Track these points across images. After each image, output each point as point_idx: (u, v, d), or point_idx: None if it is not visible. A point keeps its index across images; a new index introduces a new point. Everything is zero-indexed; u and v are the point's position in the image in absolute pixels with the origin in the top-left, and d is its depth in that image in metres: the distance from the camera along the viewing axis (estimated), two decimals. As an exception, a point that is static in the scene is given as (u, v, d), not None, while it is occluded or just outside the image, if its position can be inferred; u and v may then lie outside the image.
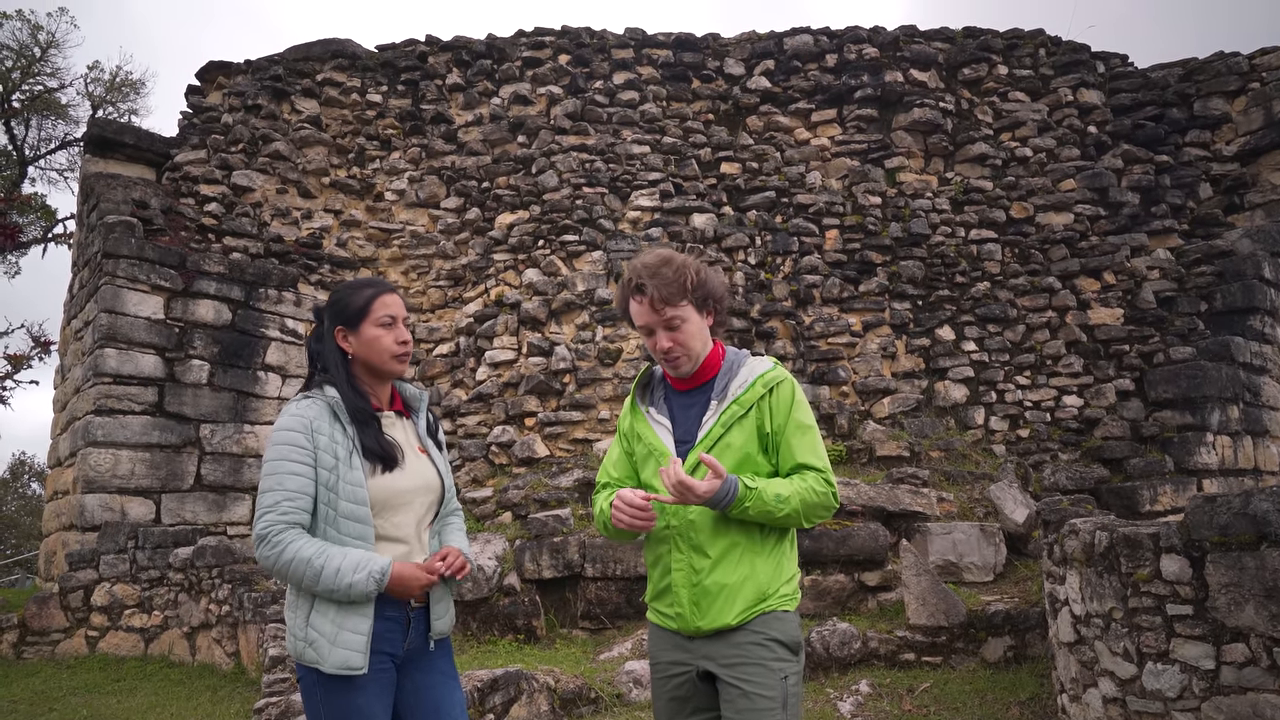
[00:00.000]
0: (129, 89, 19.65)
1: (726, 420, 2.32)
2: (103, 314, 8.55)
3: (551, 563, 7.28)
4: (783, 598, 2.31)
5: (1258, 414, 9.18)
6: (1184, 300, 9.25)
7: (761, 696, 2.19)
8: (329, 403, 2.36)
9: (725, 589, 2.26)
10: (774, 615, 2.28)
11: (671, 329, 2.34)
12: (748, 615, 2.26)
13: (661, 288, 2.31)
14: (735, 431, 2.32)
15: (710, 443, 2.32)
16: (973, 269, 9.66)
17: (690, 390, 2.44)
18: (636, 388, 2.56)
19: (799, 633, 2.33)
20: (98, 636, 7.92)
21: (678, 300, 2.32)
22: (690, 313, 2.35)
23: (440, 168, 10.48)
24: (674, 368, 2.40)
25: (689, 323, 2.35)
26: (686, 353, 2.36)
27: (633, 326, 2.47)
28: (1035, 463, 8.90)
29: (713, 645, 2.28)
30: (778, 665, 2.24)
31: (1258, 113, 9.87)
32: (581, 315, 9.27)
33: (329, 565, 2.20)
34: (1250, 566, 2.86)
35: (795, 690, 2.26)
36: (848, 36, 10.60)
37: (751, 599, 2.26)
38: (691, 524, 2.31)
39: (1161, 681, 3.22)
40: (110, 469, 8.38)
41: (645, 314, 2.35)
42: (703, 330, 2.39)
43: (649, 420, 2.46)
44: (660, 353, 2.37)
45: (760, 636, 2.25)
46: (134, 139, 10.16)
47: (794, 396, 2.36)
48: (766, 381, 2.35)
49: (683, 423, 2.41)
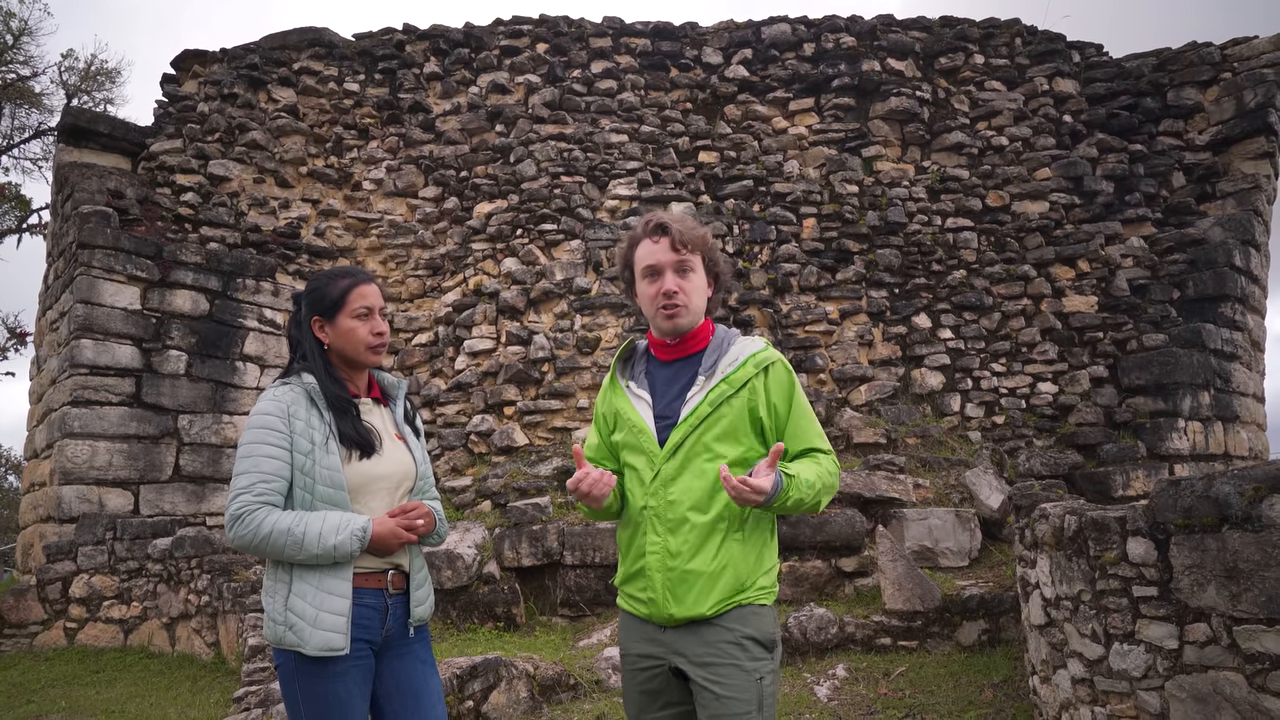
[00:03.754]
0: (104, 77, 19.43)
1: (715, 399, 2.24)
2: (78, 305, 8.48)
3: (531, 550, 7.31)
4: (761, 590, 2.23)
5: (1228, 400, 9.32)
6: (1157, 288, 9.37)
7: (735, 700, 2.11)
8: (306, 389, 2.38)
9: (702, 576, 2.17)
10: (750, 610, 2.20)
11: (682, 273, 2.30)
12: (723, 607, 2.17)
13: (684, 231, 2.30)
14: (723, 411, 2.23)
15: (696, 421, 2.23)
16: (949, 257, 9.74)
17: (674, 361, 2.37)
18: (617, 362, 2.48)
19: (775, 628, 2.25)
20: (76, 628, 7.89)
21: (694, 249, 2.32)
22: (700, 268, 2.34)
23: (418, 157, 10.44)
24: (671, 319, 2.30)
25: (698, 275, 2.33)
26: (689, 303, 2.30)
27: (627, 286, 2.44)
28: (1010, 449, 9.00)
29: (685, 639, 2.20)
30: (752, 666, 2.15)
31: (1229, 102, 9.99)
32: (560, 304, 9.28)
33: (309, 531, 2.22)
34: (1212, 548, 2.93)
35: (771, 689, 2.17)
36: (825, 25, 10.63)
37: (729, 589, 2.18)
38: (670, 504, 2.23)
39: (1127, 661, 3.29)
40: (87, 460, 8.33)
41: (661, 252, 2.30)
42: (705, 293, 2.36)
43: (629, 395, 2.38)
44: (663, 296, 2.29)
45: (735, 634, 2.17)
46: (109, 128, 10.04)
47: (792, 378, 2.31)
48: (759, 361, 2.28)
49: (664, 396, 2.33)
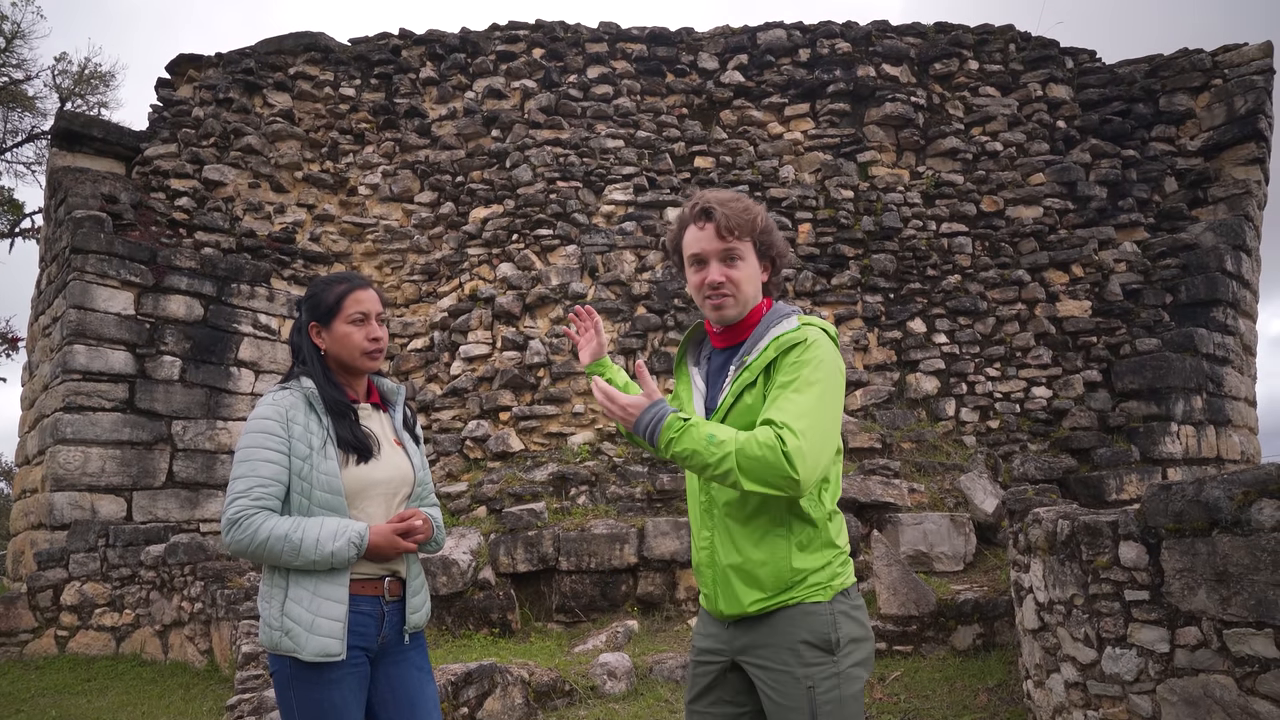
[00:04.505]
0: (98, 81, 19.45)
1: (736, 389, 2.10)
2: (71, 310, 8.47)
3: (526, 556, 7.30)
4: (813, 587, 2.04)
5: (1220, 404, 9.36)
6: (1150, 292, 9.41)
7: (788, 709, 2.01)
8: (305, 394, 2.38)
9: (742, 574, 2.07)
10: (801, 610, 2.03)
11: (728, 262, 2.14)
12: (766, 605, 2.04)
13: (731, 216, 2.12)
14: (745, 400, 2.08)
15: (722, 414, 2.11)
16: (944, 262, 9.77)
17: (725, 349, 2.23)
18: (687, 344, 2.36)
19: (833, 627, 2.04)
20: (67, 636, 7.86)
21: (743, 235, 2.14)
22: (750, 254, 2.17)
23: (414, 162, 10.46)
24: (718, 310, 2.16)
25: (747, 263, 2.16)
26: (736, 293, 2.14)
27: (677, 269, 2.30)
28: (1005, 453, 9.03)
29: (743, 636, 2.10)
30: (804, 672, 2.00)
31: (1220, 108, 10.04)
32: (556, 309, 9.28)
33: (307, 536, 2.22)
34: (1202, 552, 2.94)
35: (829, 695, 2.00)
36: (820, 31, 10.67)
37: (770, 587, 2.04)
38: (713, 499, 2.15)
39: (1119, 665, 3.31)
40: (80, 467, 8.31)
41: (706, 240, 2.15)
42: (757, 279, 2.19)
43: (691, 380, 2.29)
44: (709, 287, 2.14)
45: (787, 638, 2.03)
46: (103, 132, 10.04)
47: (805, 355, 2.03)
48: (781, 343, 2.07)
49: (714, 384, 2.21)
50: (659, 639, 6.70)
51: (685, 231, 2.21)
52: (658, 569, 7.34)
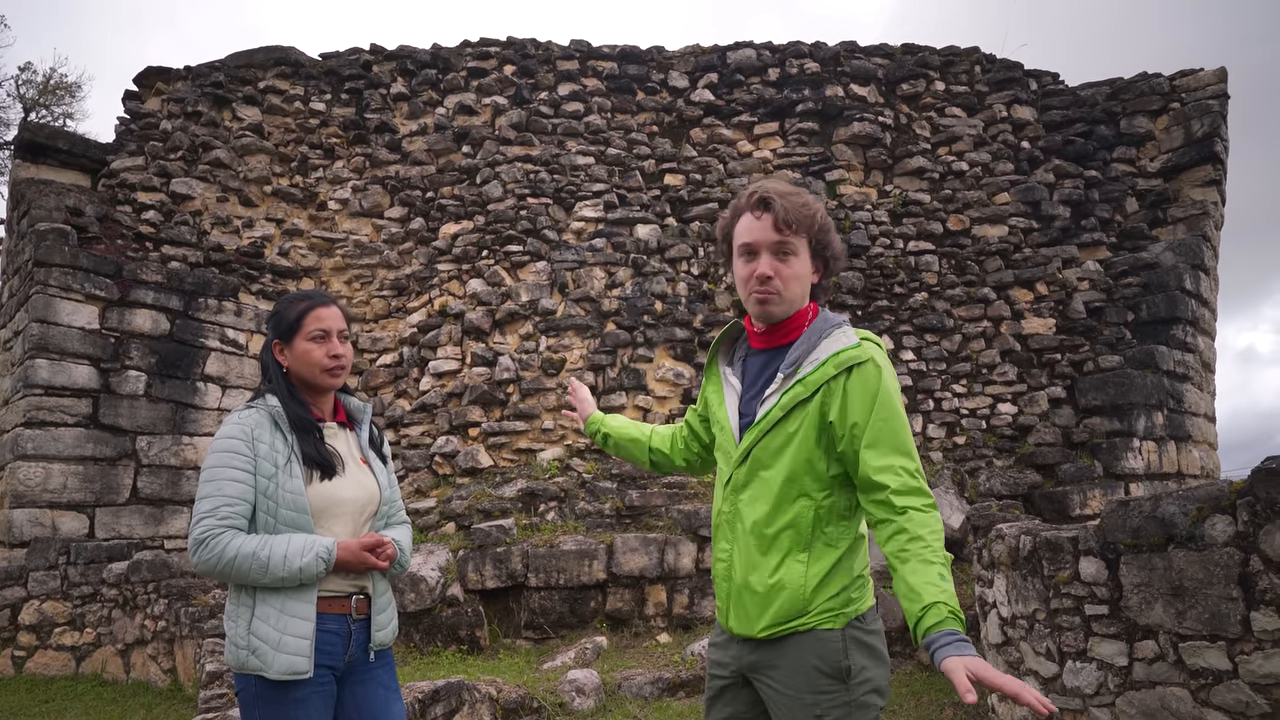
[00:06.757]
0: (64, 92, 19.23)
1: (787, 403, 2.01)
2: (34, 324, 8.35)
3: (495, 573, 7.28)
4: (826, 614, 1.98)
5: (1181, 420, 9.53)
6: (1112, 310, 9.58)
7: None
8: (270, 412, 2.38)
9: (757, 595, 2.02)
10: (813, 635, 1.97)
11: (781, 256, 2.06)
12: (778, 629, 2.00)
13: (790, 209, 2.05)
14: (795, 418, 2.00)
15: (768, 426, 2.02)
16: (911, 280, 9.89)
17: (765, 350, 2.15)
18: (721, 343, 2.28)
19: (845, 655, 1.97)
20: (25, 656, 7.70)
21: (799, 230, 2.06)
22: (804, 251, 2.09)
23: (384, 177, 10.43)
24: (763, 304, 2.08)
25: (800, 260, 2.08)
26: (784, 290, 2.06)
27: (723, 258, 2.24)
28: (971, 469, 9.13)
29: (751, 654, 2.07)
30: (812, 700, 1.95)
31: (1178, 131, 10.28)
32: (525, 325, 9.29)
33: (275, 553, 2.22)
34: (1159, 567, 3.00)
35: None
36: (790, 51, 10.80)
37: (782, 613, 1.99)
38: (737, 513, 2.09)
39: (1080, 679, 3.36)
40: (41, 483, 8.17)
41: (761, 230, 2.06)
42: (807, 280, 2.11)
43: (723, 381, 2.21)
44: (757, 280, 2.06)
45: (797, 664, 1.98)
46: (68, 144, 9.91)
47: (881, 382, 1.97)
48: (841, 361, 1.99)
49: (751, 388, 2.14)
50: (628, 655, 6.70)
51: (739, 219, 2.14)
52: (627, 585, 7.34)
